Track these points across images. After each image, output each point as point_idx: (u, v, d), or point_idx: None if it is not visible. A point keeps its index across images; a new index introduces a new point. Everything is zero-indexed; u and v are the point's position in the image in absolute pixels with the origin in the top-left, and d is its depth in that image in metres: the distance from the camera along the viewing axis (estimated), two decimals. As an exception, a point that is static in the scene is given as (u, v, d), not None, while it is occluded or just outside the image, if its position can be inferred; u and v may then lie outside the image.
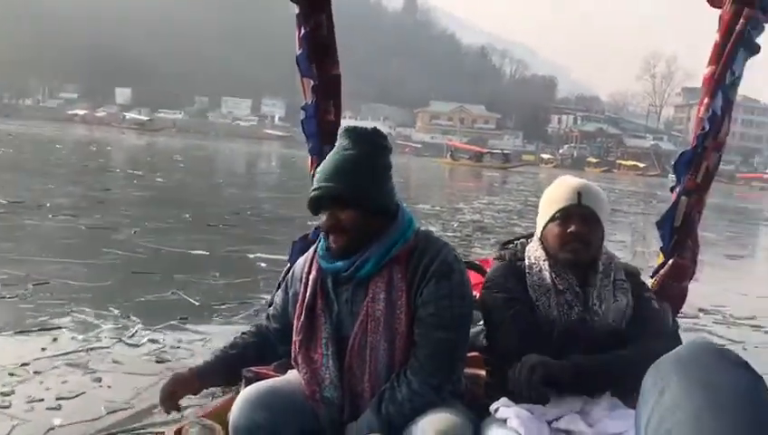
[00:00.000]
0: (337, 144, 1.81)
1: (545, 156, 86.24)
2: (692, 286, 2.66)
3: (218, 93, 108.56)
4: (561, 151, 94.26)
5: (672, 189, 2.61)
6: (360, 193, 1.74)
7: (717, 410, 0.95)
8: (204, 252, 7.49)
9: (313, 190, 1.76)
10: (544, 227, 1.98)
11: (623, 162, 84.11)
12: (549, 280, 1.90)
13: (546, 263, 1.93)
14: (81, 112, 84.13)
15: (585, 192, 1.93)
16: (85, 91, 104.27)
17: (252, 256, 7.48)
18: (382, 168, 1.80)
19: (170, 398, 1.86)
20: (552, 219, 1.94)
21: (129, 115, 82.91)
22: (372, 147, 1.80)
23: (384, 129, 2.63)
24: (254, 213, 11.77)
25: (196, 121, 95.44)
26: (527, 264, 1.97)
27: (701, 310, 6.49)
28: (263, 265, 7.05)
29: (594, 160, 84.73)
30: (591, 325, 1.85)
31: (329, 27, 2.61)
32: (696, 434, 0.93)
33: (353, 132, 1.79)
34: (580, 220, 1.90)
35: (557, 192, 1.98)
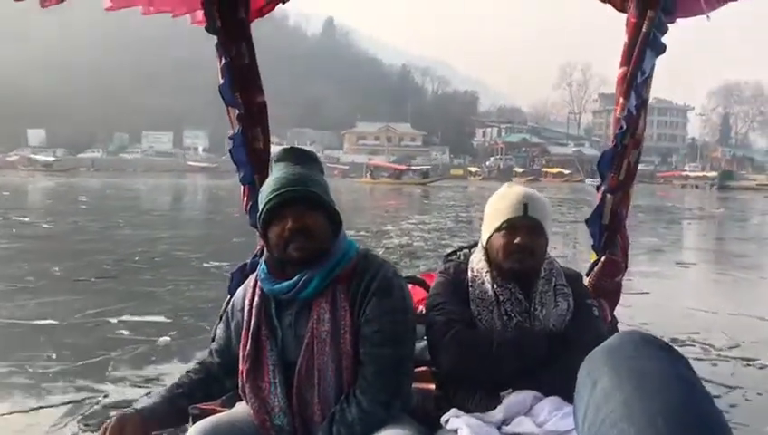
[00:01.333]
0: (279, 164, 1.83)
1: (473, 169, 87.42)
2: (661, 311, 2.53)
3: (138, 129, 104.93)
4: (487, 163, 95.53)
5: (597, 188, 2.67)
6: (327, 199, 1.80)
7: (646, 394, 0.98)
8: (52, 321, 5.91)
9: (276, 195, 1.74)
10: (489, 237, 1.99)
11: (548, 170, 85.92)
12: (491, 292, 1.93)
13: (488, 275, 1.96)
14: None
15: (531, 203, 1.94)
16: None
17: (115, 320, 5.99)
18: (327, 185, 1.86)
19: None
20: (498, 229, 1.96)
21: (37, 157, 78.13)
22: (316, 164, 1.87)
23: (319, 153, 2.58)
24: (144, 258, 10.19)
25: (114, 159, 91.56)
26: (470, 277, 1.99)
27: (674, 341, 5.27)
28: (125, 332, 5.59)
29: (520, 170, 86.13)
30: (530, 331, 1.87)
31: (250, 55, 2.60)
32: (628, 420, 0.96)
33: (295, 151, 1.86)
34: (526, 232, 1.92)
35: (503, 202, 1.98)
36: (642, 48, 2.46)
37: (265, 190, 1.80)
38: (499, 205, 1.99)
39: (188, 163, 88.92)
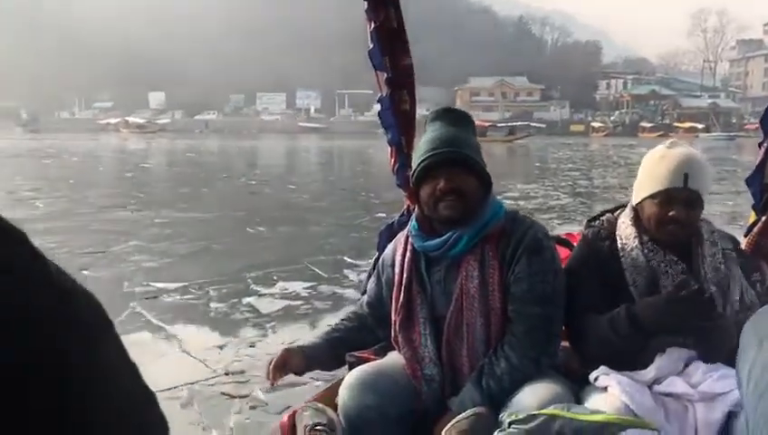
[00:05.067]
0: (435, 123, 1.87)
1: (596, 124, 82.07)
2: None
3: (252, 90, 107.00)
4: (612, 118, 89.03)
5: (760, 145, 2.53)
6: (479, 161, 1.83)
7: None
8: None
9: (431, 155, 1.79)
10: (641, 201, 1.88)
11: (680, 125, 78.60)
12: (642, 258, 1.83)
13: (637, 240, 1.86)
14: (114, 121, 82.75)
15: (692, 173, 1.79)
16: (119, 99, 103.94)
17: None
18: (480, 147, 1.89)
19: (281, 368, 1.92)
20: (653, 196, 1.84)
21: (130, 119, 79.49)
22: (471, 125, 1.93)
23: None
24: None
25: (231, 120, 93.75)
26: (619, 245, 1.89)
27: None
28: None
29: (649, 125, 79.72)
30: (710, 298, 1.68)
31: (398, 18, 2.61)
32: None
33: (451, 111, 1.91)
34: (684, 204, 1.80)
35: (661, 167, 1.83)
36: None
37: (421, 149, 1.84)
38: (657, 169, 1.83)
39: (299, 124, 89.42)
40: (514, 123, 63.57)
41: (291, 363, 1.92)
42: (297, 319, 4.92)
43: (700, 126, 74.77)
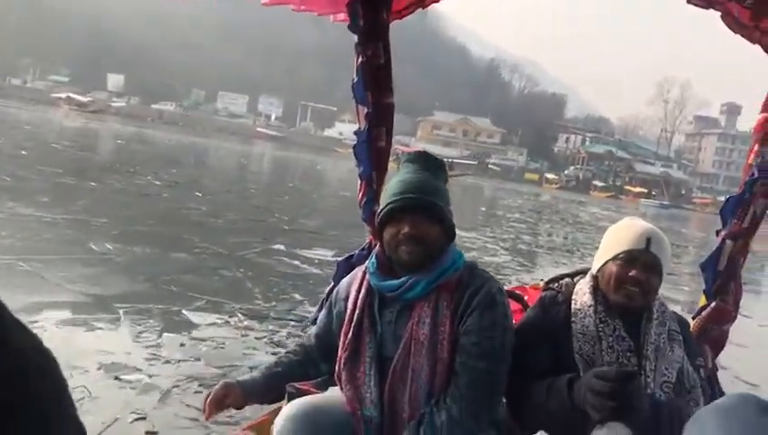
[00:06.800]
0: (408, 165, 1.88)
1: (550, 175, 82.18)
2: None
3: (215, 88, 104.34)
4: (566, 172, 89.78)
5: (717, 233, 2.61)
6: (445, 211, 1.84)
7: None
8: None
9: (399, 199, 1.80)
10: (603, 265, 1.93)
11: (631, 188, 79.64)
12: (593, 327, 1.86)
13: (592, 309, 1.89)
14: (73, 96, 79.00)
15: (654, 239, 1.88)
16: (77, 76, 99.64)
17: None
18: (449, 196, 1.90)
19: (219, 404, 1.89)
20: (614, 259, 1.89)
21: (74, 96, 76.08)
22: (443, 172, 1.92)
23: None
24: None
25: (187, 115, 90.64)
26: (573, 310, 1.92)
27: None
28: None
29: (600, 184, 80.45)
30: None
31: (386, 56, 2.64)
32: None
33: (425, 156, 1.91)
34: (644, 267, 1.85)
35: (624, 233, 1.93)
36: None
37: (390, 190, 1.85)
38: (620, 235, 1.93)
39: (258, 129, 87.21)
40: (453, 159, 63.33)
41: (229, 398, 1.90)
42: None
43: (652, 193, 75.93)
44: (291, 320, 5.03)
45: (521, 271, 9.78)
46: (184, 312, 4.93)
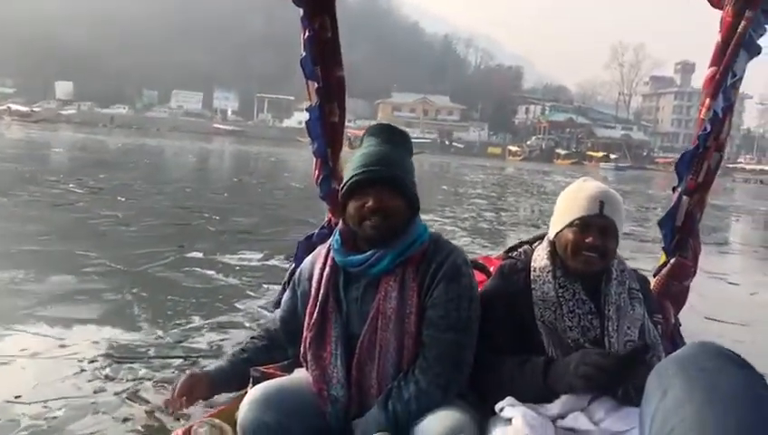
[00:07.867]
0: (371, 139, 1.86)
1: (512, 147, 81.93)
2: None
3: (168, 87, 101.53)
4: (528, 143, 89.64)
5: (674, 189, 2.60)
6: (409, 183, 1.82)
7: (719, 409, 0.97)
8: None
9: (362, 172, 1.77)
10: (559, 232, 1.91)
11: (593, 154, 79.77)
12: (553, 293, 1.84)
13: (550, 274, 1.87)
14: (13, 107, 76.22)
15: (608, 202, 1.86)
16: (22, 86, 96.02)
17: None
18: (413, 168, 1.88)
19: (187, 395, 1.88)
20: (570, 226, 1.87)
21: (13, 107, 74.87)
22: (407, 144, 1.91)
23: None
24: None
25: (140, 117, 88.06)
26: (531, 277, 1.90)
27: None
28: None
29: (563, 152, 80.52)
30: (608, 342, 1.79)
31: (333, 29, 2.58)
32: (698, 432, 0.95)
33: (388, 129, 1.89)
34: (599, 231, 1.84)
35: (577, 198, 1.90)
36: (736, 49, 2.40)
37: (353, 163, 1.81)
38: (573, 200, 1.90)
39: (214, 126, 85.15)
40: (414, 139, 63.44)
41: (196, 390, 1.89)
42: None
43: (613, 156, 75.98)
44: (176, 357, 3.91)
45: (481, 253, 8.76)
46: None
